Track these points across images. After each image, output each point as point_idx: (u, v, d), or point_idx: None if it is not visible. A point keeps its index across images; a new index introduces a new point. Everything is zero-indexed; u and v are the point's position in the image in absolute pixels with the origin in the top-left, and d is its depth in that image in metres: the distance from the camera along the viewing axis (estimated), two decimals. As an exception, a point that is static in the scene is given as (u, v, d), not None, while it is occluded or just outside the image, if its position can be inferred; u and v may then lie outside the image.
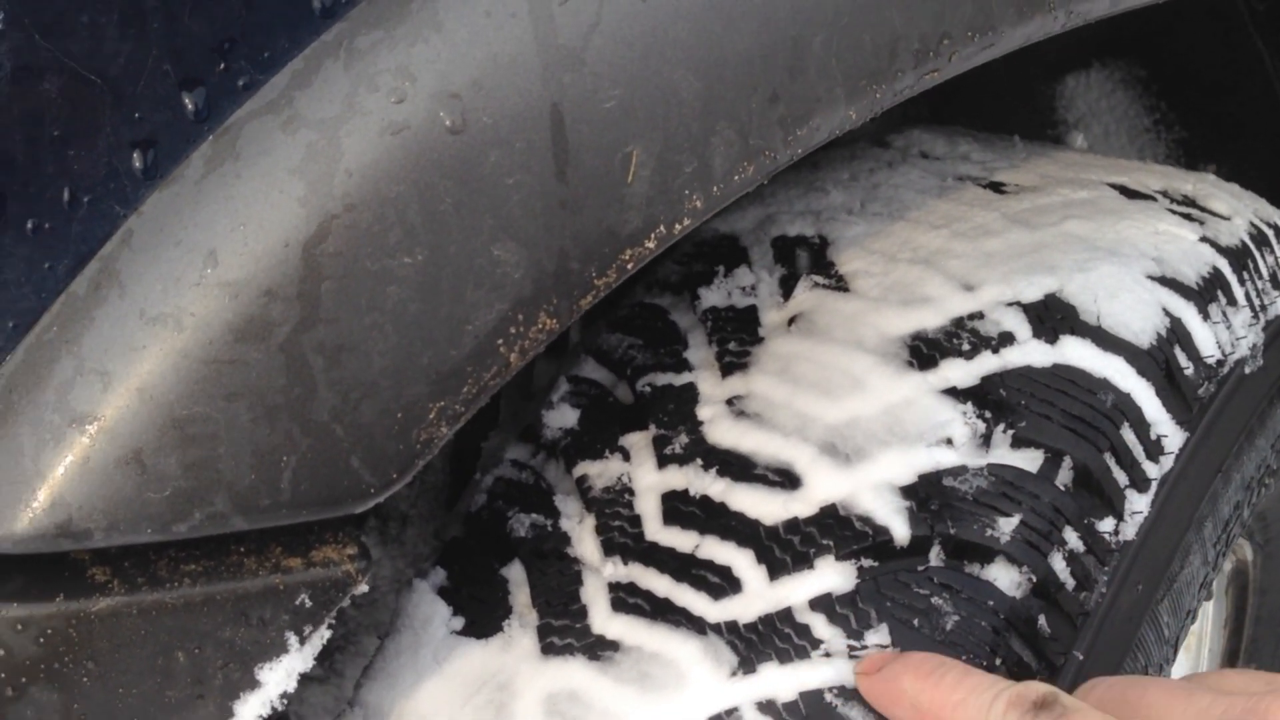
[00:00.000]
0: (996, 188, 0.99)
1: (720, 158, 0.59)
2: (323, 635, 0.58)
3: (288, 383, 0.53)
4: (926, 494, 0.74)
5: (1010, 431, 0.76)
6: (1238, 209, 1.00)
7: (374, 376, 0.54)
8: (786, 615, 0.73)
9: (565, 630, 0.77)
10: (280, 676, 0.57)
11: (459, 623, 0.81)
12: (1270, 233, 0.99)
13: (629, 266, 0.58)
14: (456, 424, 0.57)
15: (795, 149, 0.61)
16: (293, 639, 0.57)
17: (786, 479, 0.77)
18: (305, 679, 1.12)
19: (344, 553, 0.58)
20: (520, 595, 0.81)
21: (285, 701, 0.58)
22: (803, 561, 0.74)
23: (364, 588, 0.58)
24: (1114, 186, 0.98)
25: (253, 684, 0.57)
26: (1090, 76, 1.61)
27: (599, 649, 0.76)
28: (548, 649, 0.77)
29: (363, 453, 0.55)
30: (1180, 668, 1.18)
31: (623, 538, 0.80)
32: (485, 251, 0.55)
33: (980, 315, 0.82)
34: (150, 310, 0.51)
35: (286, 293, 0.52)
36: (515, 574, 0.82)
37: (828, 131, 0.62)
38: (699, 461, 0.80)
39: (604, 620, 0.77)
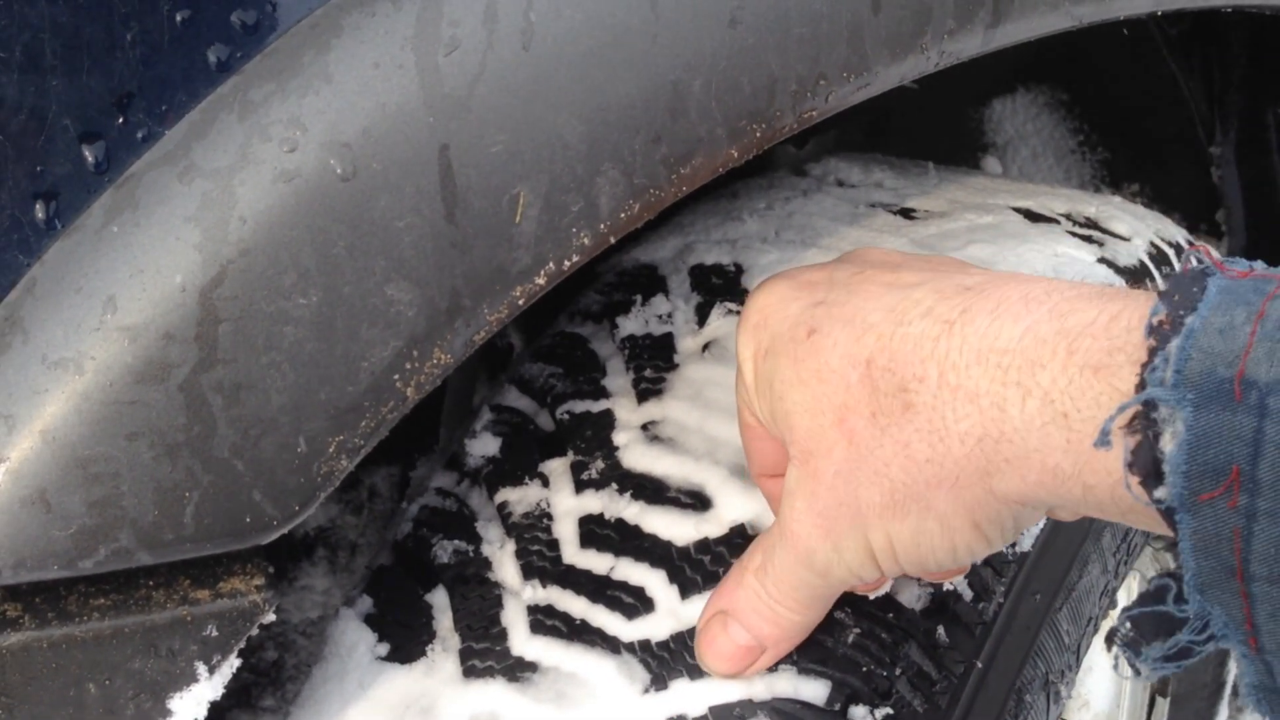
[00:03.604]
0: (907, 214, 1.02)
1: (606, 197, 0.62)
2: (232, 664, 0.60)
3: (188, 421, 0.55)
4: (829, 512, 0.77)
5: (910, 450, 0.79)
6: (1139, 229, 1.04)
7: (273, 413, 0.57)
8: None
9: (486, 653, 0.80)
10: (191, 705, 0.59)
11: (384, 649, 0.83)
12: (1171, 252, 1.03)
13: (521, 302, 0.61)
14: (357, 457, 0.59)
15: (680, 187, 0.64)
16: (202, 669, 0.59)
17: (698, 501, 0.80)
18: (261, 710, 1.13)
19: (251, 583, 0.60)
20: (443, 620, 0.83)
21: (195, 729, 0.60)
22: (713, 580, 0.77)
23: (271, 616, 0.60)
24: (1019, 210, 1.02)
25: (164, 713, 0.59)
26: (1016, 101, 1.65)
27: (518, 670, 0.78)
28: (469, 672, 0.79)
29: (264, 487, 0.57)
30: (1104, 675, 1.21)
31: (541, 561, 0.82)
32: (379, 291, 0.58)
33: (884, 338, 0.85)
34: (52, 355, 0.54)
35: (184, 335, 0.55)
36: (439, 599, 0.84)
37: (711, 170, 0.65)
38: (614, 486, 0.83)
39: (523, 642, 0.79)
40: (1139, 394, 0.49)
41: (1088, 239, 0.98)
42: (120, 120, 0.56)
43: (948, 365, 0.56)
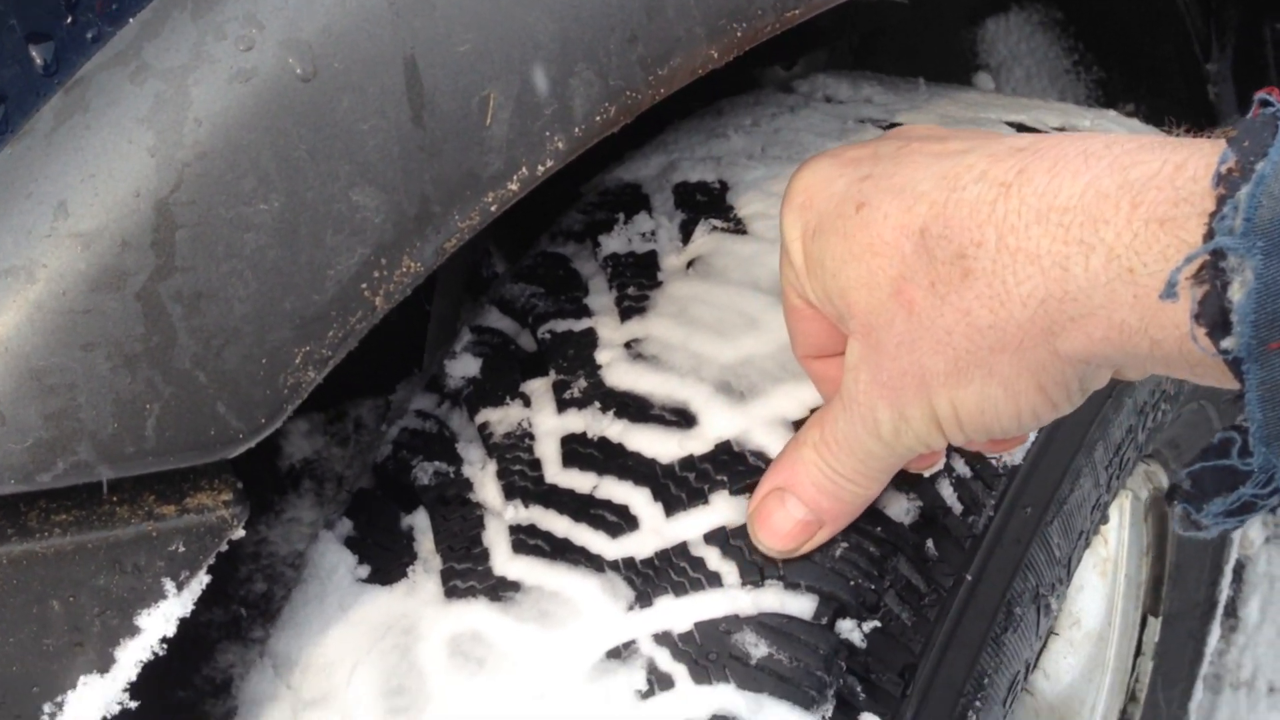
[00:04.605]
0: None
1: (580, 99, 0.59)
2: (201, 580, 0.59)
3: (146, 331, 0.53)
4: (815, 427, 0.76)
5: (897, 364, 0.77)
6: (1134, 142, 1.01)
7: (236, 323, 0.55)
8: (682, 549, 0.75)
9: (467, 573, 0.79)
10: (159, 622, 0.58)
11: (364, 571, 0.82)
12: (1165, 165, 1.01)
13: (493, 209, 0.59)
14: (325, 368, 0.58)
15: (658, 89, 0.62)
16: (170, 585, 0.58)
17: (682, 418, 0.79)
18: (250, 641, 1.12)
19: (219, 499, 0.59)
20: (424, 542, 0.82)
21: (166, 646, 0.58)
22: (698, 497, 0.76)
23: (240, 532, 0.59)
24: (1012, 125, 1.00)
25: (132, 630, 0.58)
26: (1010, 20, 1.62)
27: (500, 590, 0.77)
28: (451, 592, 0.78)
29: (228, 399, 0.56)
30: (1096, 593, 1.21)
31: (523, 481, 0.81)
32: (344, 197, 0.56)
33: (872, 252, 0.83)
34: (2, 263, 0.52)
35: (140, 242, 0.53)
36: (419, 521, 0.83)
37: (690, 71, 0.62)
38: (597, 404, 0.81)
39: (505, 562, 0.78)
40: (1207, 243, 0.48)
41: (1081, 151, 0.96)
42: (69, 20, 0.53)
43: (1006, 228, 0.55)
